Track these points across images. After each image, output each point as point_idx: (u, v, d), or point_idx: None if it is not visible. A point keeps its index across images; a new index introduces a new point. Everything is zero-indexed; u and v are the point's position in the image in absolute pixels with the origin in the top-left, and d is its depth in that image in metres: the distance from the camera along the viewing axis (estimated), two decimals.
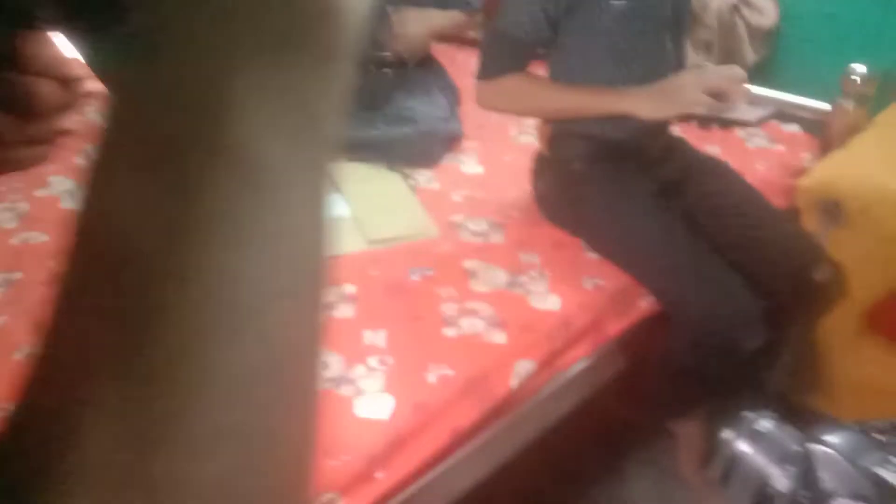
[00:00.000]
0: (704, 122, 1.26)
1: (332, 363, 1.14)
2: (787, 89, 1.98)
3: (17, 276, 1.36)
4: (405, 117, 1.80)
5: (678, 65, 1.39)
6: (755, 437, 1.10)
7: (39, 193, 1.68)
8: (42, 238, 1.51)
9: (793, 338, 1.54)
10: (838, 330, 1.62)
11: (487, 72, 1.36)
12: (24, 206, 1.63)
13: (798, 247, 1.43)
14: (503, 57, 1.34)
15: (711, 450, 1.26)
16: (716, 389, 1.33)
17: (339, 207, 1.56)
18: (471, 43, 2.29)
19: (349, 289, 1.31)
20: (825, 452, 1.02)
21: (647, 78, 1.35)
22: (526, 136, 1.86)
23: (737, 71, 1.27)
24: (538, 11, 1.28)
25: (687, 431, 1.45)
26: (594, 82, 1.36)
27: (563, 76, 1.39)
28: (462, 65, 2.15)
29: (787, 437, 1.08)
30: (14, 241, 1.49)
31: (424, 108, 1.83)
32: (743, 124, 1.22)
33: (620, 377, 1.42)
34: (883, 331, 1.59)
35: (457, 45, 2.48)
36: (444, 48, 2.46)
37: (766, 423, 1.08)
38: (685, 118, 1.26)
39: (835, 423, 1.07)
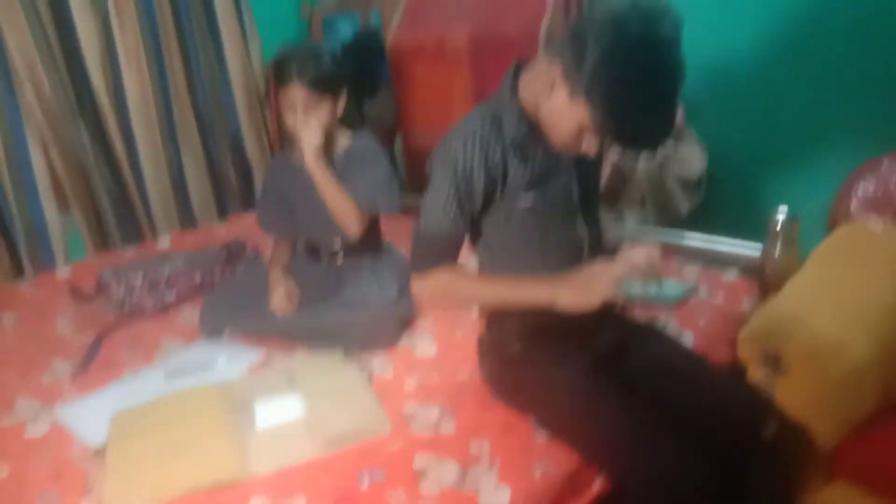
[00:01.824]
0: (628, 303, 1.31)
1: None
2: (722, 232, 2.07)
3: None
4: (357, 303, 1.87)
5: (594, 242, 1.48)
6: None
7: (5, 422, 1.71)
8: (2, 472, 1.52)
9: (758, 494, 1.53)
10: (802, 480, 1.61)
11: (418, 268, 1.44)
12: None
13: (740, 406, 1.44)
14: (430, 255, 1.42)
15: None
16: None
17: (296, 409, 1.59)
18: None
19: (300, 501, 1.32)
20: None
21: (564, 262, 1.42)
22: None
23: (650, 249, 1.34)
24: (455, 210, 1.37)
25: None
26: (516, 270, 1.43)
27: (489, 265, 1.47)
28: None
29: None
30: None
31: (375, 291, 1.90)
32: (664, 303, 1.28)
33: None
34: (849, 475, 1.57)
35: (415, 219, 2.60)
36: (403, 222, 2.57)
37: None
38: (607, 304, 1.31)
39: None
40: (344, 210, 1.87)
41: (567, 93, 1.23)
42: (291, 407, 1.60)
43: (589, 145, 1.30)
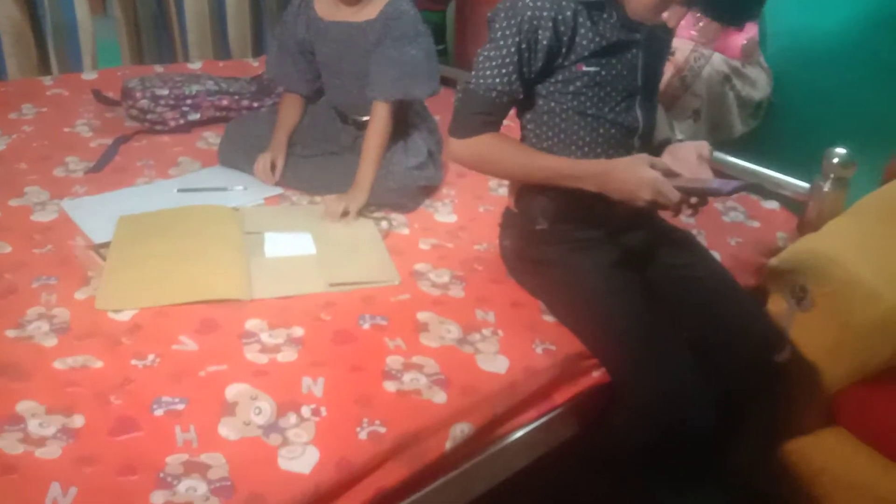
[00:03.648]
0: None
1: (265, 409, 1.12)
2: (771, 163, 1.97)
3: None
4: (380, 168, 1.78)
5: (646, 131, 1.39)
6: None
7: (13, 203, 1.69)
8: (5, 249, 1.50)
9: (752, 423, 1.51)
10: (801, 418, 1.58)
11: (458, 130, 1.35)
12: None
13: (759, 328, 1.40)
14: (476, 116, 1.33)
15: None
16: (661, 469, 1.30)
17: (306, 247, 1.56)
18: None
19: (297, 331, 1.30)
20: None
21: (614, 145, 1.34)
22: (504, 189, 1.85)
23: (700, 146, 1.26)
24: (513, 68, 1.28)
25: None
26: (563, 143, 1.36)
27: (534, 135, 1.39)
28: None
29: None
30: None
31: (400, 157, 1.81)
32: (715, 194, 1.21)
33: (573, 444, 1.39)
34: (846, 423, 1.55)
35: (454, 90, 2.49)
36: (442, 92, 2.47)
37: None
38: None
39: None
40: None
41: None
42: (303, 243, 1.56)
43: (671, 15, 1.20)
